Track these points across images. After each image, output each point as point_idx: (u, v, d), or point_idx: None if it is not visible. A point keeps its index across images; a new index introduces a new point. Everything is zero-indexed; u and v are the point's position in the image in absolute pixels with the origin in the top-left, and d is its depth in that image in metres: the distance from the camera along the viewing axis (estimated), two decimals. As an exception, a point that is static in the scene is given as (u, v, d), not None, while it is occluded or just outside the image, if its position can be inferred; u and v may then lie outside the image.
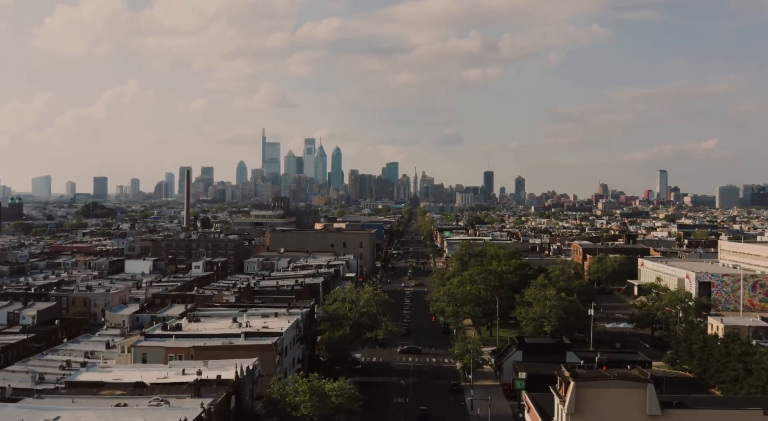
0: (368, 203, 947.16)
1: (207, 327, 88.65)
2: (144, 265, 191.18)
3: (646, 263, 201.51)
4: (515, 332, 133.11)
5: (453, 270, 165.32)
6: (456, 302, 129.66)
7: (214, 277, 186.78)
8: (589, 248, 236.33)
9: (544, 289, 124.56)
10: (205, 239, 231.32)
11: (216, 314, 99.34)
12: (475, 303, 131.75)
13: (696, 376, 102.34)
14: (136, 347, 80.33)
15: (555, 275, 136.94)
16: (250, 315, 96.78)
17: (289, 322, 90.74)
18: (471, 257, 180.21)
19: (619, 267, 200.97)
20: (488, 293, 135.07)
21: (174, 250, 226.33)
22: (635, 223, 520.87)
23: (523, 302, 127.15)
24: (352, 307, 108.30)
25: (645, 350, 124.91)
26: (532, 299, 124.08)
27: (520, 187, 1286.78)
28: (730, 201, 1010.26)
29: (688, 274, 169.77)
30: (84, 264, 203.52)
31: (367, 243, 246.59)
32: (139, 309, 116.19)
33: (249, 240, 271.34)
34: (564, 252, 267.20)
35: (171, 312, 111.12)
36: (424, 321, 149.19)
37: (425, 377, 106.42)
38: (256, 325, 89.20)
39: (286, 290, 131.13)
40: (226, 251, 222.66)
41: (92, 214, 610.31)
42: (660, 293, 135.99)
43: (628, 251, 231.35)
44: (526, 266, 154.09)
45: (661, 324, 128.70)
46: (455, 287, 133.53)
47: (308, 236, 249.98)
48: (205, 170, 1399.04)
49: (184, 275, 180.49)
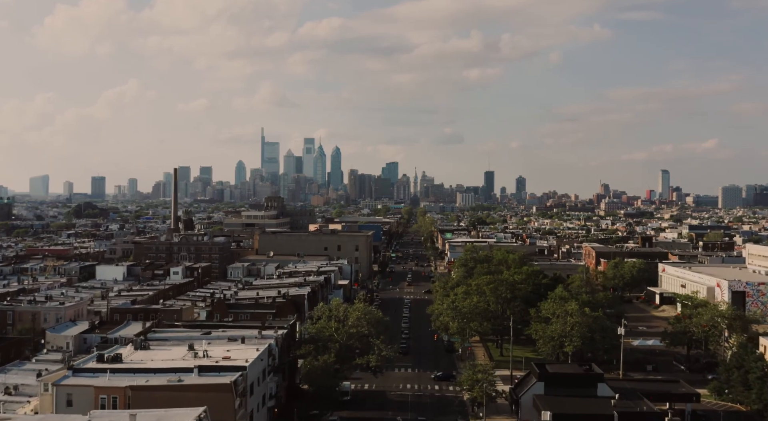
0: (367, 203, 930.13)
1: (155, 357, 71.35)
2: (117, 271, 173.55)
3: (668, 269, 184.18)
4: (529, 351, 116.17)
5: (457, 278, 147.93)
6: (461, 316, 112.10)
7: (194, 284, 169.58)
8: (602, 252, 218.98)
9: (564, 302, 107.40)
10: (187, 241, 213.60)
11: (174, 338, 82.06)
12: (484, 317, 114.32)
13: (754, 411, 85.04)
14: (59, 386, 63.22)
15: (575, 286, 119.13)
16: (213, 340, 79.57)
17: (258, 350, 73.41)
18: (476, 263, 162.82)
19: (637, 273, 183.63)
20: (498, 307, 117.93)
21: (154, 254, 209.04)
22: (640, 223, 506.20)
23: (539, 318, 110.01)
24: (339, 327, 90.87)
25: (681, 374, 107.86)
26: (550, 314, 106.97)
27: (521, 187, 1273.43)
28: (733, 201, 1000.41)
29: (719, 282, 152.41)
30: (53, 269, 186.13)
31: (364, 246, 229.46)
32: (89, 328, 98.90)
33: (238, 242, 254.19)
34: (574, 256, 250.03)
35: (126, 332, 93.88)
36: (424, 337, 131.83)
37: (427, 411, 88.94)
38: (216, 354, 71.93)
39: (265, 303, 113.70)
40: (210, 255, 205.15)
41: (84, 214, 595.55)
42: (694, 304, 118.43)
43: (645, 254, 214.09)
44: (540, 273, 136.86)
45: (699, 343, 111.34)
46: (460, 300, 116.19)
47: (300, 239, 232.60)
48: (203, 170, 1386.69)
49: (160, 283, 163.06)
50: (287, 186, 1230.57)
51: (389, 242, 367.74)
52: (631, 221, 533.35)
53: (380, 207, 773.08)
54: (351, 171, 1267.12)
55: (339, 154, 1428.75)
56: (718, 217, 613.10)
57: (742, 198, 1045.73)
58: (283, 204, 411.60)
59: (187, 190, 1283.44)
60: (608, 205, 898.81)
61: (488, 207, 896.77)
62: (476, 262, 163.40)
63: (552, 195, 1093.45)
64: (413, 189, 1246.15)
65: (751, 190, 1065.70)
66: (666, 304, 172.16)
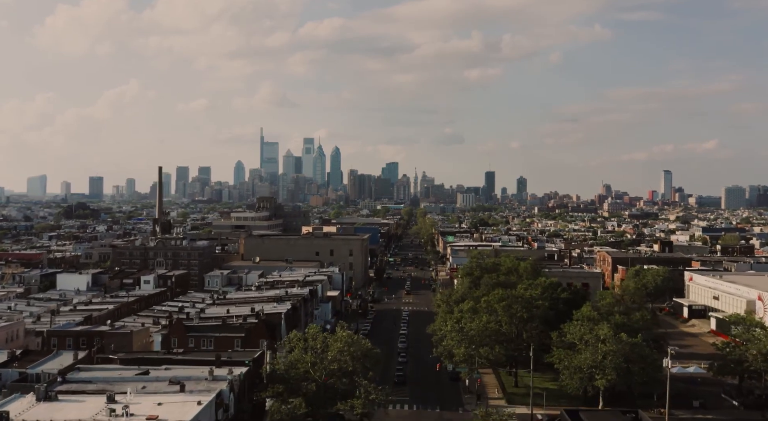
0: (367, 204, 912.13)
1: (57, 419, 52.49)
2: (80, 280, 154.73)
3: (696, 278, 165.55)
4: (549, 380, 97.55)
5: (462, 290, 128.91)
6: (469, 340, 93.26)
7: (166, 295, 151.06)
8: (619, 258, 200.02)
9: (593, 324, 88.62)
10: (164, 246, 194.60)
11: (99, 379, 63.50)
12: (495, 341, 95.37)
13: None
14: None
15: (606, 304, 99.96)
16: (150, 383, 60.95)
17: (200, 403, 54.71)
18: (483, 272, 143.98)
19: (662, 282, 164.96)
20: (513, 328, 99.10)
21: (128, 259, 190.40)
22: (647, 225, 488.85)
23: (562, 342, 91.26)
24: (316, 361, 72.04)
25: (734, 411, 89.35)
26: (576, 339, 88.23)
27: (522, 188, 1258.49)
28: (737, 202, 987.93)
29: (760, 295, 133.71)
30: (12, 278, 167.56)
31: (359, 250, 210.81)
32: (9, 359, 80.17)
33: (224, 246, 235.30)
34: (586, 261, 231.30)
35: (52, 365, 75.13)
36: (425, 361, 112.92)
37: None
38: (141, 411, 53.16)
39: (233, 325, 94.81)
40: (189, 262, 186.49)
41: (74, 215, 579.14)
42: (747, 324, 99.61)
43: (666, 261, 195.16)
44: (557, 285, 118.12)
45: (755, 374, 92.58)
46: (467, 319, 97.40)
47: (289, 243, 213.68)
48: (202, 170, 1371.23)
49: (127, 294, 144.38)
50: (286, 186, 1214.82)
51: (387, 245, 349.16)
52: (637, 223, 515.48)
53: (380, 208, 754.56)
54: (351, 171, 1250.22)
55: (339, 155, 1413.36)
56: (724, 218, 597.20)
57: (745, 199, 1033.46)
58: (276, 205, 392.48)
59: (185, 191, 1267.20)
60: (611, 206, 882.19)
61: (489, 208, 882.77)
62: (483, 270, 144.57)
63: (553, 196, 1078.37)
64: (413, 189, 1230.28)
65: (754, 190, 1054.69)
66: (696, 318, 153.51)
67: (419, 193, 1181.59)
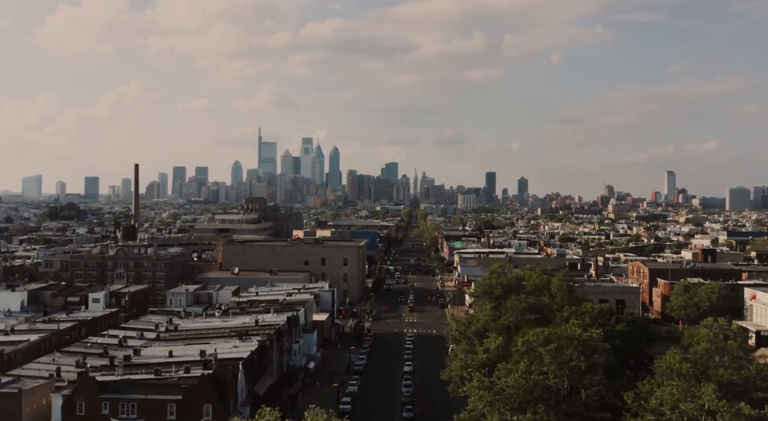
0: (366, 204, 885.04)
1: None
2: (13, 298, 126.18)
3: (759, 297, 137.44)
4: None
5: (483, 318, 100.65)
6: (505, 400, 65.45)
7: (118, 318, 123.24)
8: (658, 270, 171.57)
9: (691, 383, 60.56)
10: (125, 255, 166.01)
11: None
12: (541, 398, 67.48)
13: None
14: None
15: (702, 351, 70.78)
16: None
17: None
18: (505, 290, 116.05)
19: (717, 300, 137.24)
20: (565, 383, 71.00)
21: (82, 270, 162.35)
22: (657, 227, 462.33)
23: (641, 407, 63.24)
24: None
25: None
26: (668, 408, 60.05)
27: (523, 189, 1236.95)
28: (741, 203, 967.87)
29: None
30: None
31: (355, 259, 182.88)
32: None
33: (201, 253, 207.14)
34: (612, 271, 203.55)
35: None
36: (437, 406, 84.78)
37: None
38: None
39: (168, 381, 66.39)
40: (154, 273, 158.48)
41: (60, 216, 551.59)
42: None
43: (711, 273, 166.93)
44: (611, 314, 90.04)
45: None
46: (502, 371, 69.32)
47: (275, 251, 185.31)
48: (199, 170, 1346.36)
49: (68, 317, 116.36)
50: (284, 187, 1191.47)
51: (387, 250, 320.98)
52: (648, 225, 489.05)
53: (379, 209, 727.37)
54: (350, 172, 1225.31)
55: (337, 155, 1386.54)
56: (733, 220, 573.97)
57: (750, 200, 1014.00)
58: (267, 206, 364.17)
59: (182, 191, 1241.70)
60: (616, 208, 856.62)
61: (490, 209, 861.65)
62: (506, 289, 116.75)
63: (555, 196, 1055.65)
64: (413, 190, 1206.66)
65: (759, 191, 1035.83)
66: (765, 346, 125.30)
67: (419, 194, 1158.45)
